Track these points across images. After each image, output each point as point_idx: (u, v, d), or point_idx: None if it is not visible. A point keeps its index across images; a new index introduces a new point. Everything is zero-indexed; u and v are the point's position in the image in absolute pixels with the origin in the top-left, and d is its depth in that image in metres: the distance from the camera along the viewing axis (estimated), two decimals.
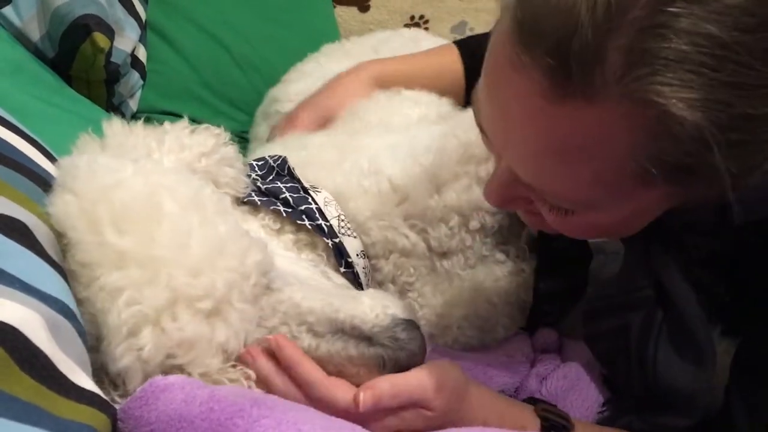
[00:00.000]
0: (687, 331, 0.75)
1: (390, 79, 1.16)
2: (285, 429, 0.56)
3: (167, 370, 0.63)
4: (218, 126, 0.89)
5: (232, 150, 0.88)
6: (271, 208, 0.87)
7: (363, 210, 0.90)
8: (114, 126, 0.82)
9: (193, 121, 0.91)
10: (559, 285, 0.96)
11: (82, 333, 0.59)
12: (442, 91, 1.16)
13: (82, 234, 0.64)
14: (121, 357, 0.61)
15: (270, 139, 1.20)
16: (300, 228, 0.88)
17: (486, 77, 0.61)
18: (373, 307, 0.70)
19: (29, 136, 0.75)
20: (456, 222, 0.93)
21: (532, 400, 0.81)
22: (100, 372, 0.63)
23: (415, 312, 0.75)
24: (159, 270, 0.62)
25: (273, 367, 0.68)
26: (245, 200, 0.88)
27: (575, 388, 0.89)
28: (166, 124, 0.85)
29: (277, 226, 0.88)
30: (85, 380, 0.55)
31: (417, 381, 0.69)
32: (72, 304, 0.59)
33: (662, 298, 0.77)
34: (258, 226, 0.86)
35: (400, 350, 0.68)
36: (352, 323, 0.68)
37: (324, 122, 1.12)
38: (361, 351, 0.68)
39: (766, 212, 0.67)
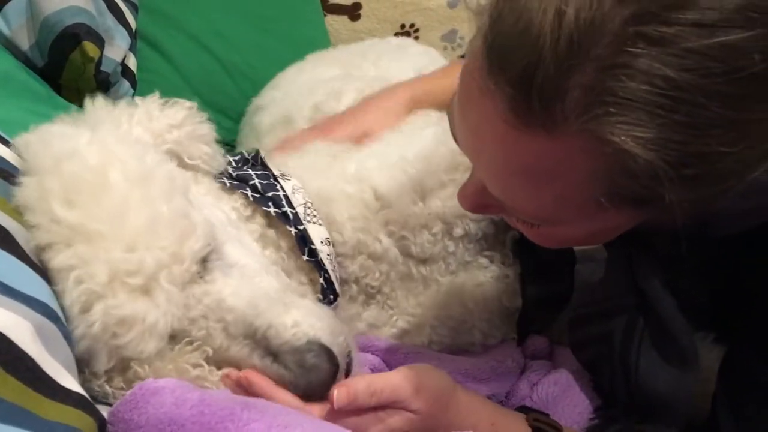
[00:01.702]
0: (668, 335, 0.75)
1: (425, 98, 1.15)
2: None
3: (114, 354, 0.63)
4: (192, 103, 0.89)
5: (207, 128, 0.88)
6: (239, 191, 0.87)
7: (342, 212, 0.91)
8: (96, 102, 0.82)
9: None
10: (545, 291, 0.96)
11: (67, 335, 0.59)
12: None
13: (36, 214, 0.64)
14: (81, 337, 0.61)
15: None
16: (270, 222, 0.88)
17: (459, 93, 0.62)
18: (297, 323, 0.68)
19: (7, 140, 0.74)
20: (439, 229, 0.93)
21: (524, 409, 0.81)
22: (80, 364, 0.63)
23: (348, 341, 0.73)
24: (99, 245, 0.62)
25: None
26: (217, 181, 0.88)
27: (566, 394, 0.88)
28: (137, 99, 0.86)
29: (248, 212, 0.88)
30: (71, 383, 0.55)
31: (395, 380, 0.68)
32: (56, 307, 0.59)
33: (643, 303, 0.78)
34: (230, 208, 0.86)
35: (300, 377, 0.66)
36: (265, 333, 0.67)
37: (357, 140, 1.09)
38: (264, 364, 0.66)
39: (733, 230, 0.68)
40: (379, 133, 1.06)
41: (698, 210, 0.54)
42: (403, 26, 1.78)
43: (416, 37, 1.78)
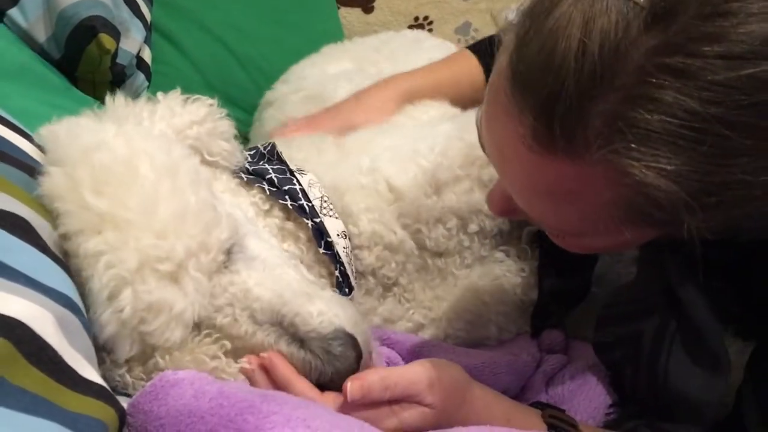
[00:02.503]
0: (701, 339, 0.74)
1: (416, 93, 1.15)
2: (294, 425, 0.55)
3: (139, 341, 0.64)
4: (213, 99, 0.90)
5: (227, 124, 0.89)
6: (256, 185, 0.88)
7: (357, 202, 0.91)
8: (117, 99, 0.83)
9: None
10: (563, 284, 0.95)
11: (87, 326, 0.59)
12: (462, 101, 1.16)
13: (66, 202, 0.64)
14: (107, 323, 0.62)
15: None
16: (288, 216, 0.89)
17: (486, 108, 0.62)
18: (322, 312, 0.69)
19: (27, 133, 0.75)
20: (454, 224, 0.93)
21: (539, 405, 0.81)
22: (101, 353, 0.64)
23: (366, 332, 0.73)
24: (129, 232, 0.63)
25: (268, 381, 0.68)
26: (234, 177, 0.89)
27: (582, 388, 0.88)
28: (159, 94, 0.87)
29: (266, 206, 0.88)
30: (92, 374, 0.55)
31: (409, 374, 0.68)
32: (77, 298, 0.60)
33: (675, 305, 0.76)
34: (248, 203, 0.86)
35: (327, 364, 0.67)
36: (292, 320, 0.68)
37: (344, 132, 1.09)
38: (291, 350, 0.67)
39: (763, 235, 0.67)
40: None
41: (722, 229, 0.54)
42: (416, 19, 1.77)
43: (430, 30, 1.77)
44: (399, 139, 0.99)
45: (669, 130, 0.48)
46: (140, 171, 0.67)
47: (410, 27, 1.76)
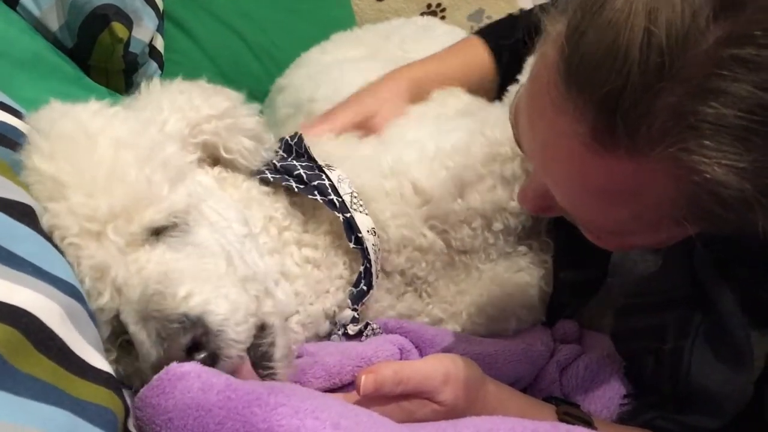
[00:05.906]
0: (726, 335, 0.73)
1: (426, 84, 1.13)
2: (302, 417, 0.55)
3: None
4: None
5: (253, 122, 0.86)
6: (284, 183, 0.86)
7: (384, 210, 0.89)
8: (152, 84, 0.83)
9: None
10: (579, 276, 0.94)
11: (93, 315, 0.60)
12: (471, 89, 1.14)
13: (25, 170, 0.65)
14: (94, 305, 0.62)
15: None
16: (306, 227, 0.88)
17: (528, 102, 0.59)
18: (190, 294, 0.62)
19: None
20: (479, 224, 0.91)
21: (553, 400, 0.80)
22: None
23: (276, 337, 0.68)
24: (65, 195, 0.63)
25: None
26: (260, 177, 0.87)
27: (597, 378, 0.88)
28: (185, 84, 0.85)
29: (287, 222, 0.86)
30: (100, 362, 0.55)
31: (423, 369, 0.67)
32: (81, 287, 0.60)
33: (701, 298, 0.75)
34: (261, 216, 0.83)
35: (153, 346, 0.60)
36: (150, 298, 0.61)
37: (361, 125, 1.07)
38: (134, 330, 0.61)
39: None
40: (384, 118, 1.05)
41: None
42: (429, 6, 1.75)
43: (443, 17, 1.75)
44: (423, 135, 0.97)
45: (740, 125, 0.46)
46: (98, 143, 0.67)
47: (423, 14, 1.74)
